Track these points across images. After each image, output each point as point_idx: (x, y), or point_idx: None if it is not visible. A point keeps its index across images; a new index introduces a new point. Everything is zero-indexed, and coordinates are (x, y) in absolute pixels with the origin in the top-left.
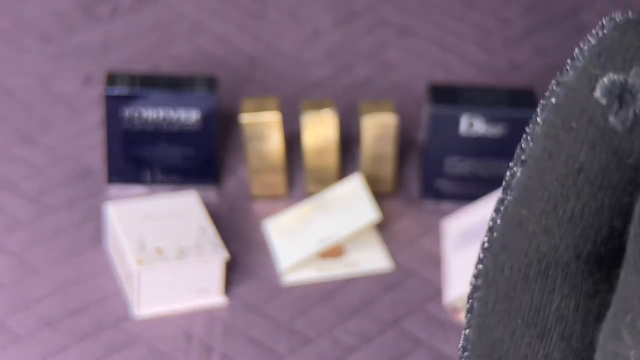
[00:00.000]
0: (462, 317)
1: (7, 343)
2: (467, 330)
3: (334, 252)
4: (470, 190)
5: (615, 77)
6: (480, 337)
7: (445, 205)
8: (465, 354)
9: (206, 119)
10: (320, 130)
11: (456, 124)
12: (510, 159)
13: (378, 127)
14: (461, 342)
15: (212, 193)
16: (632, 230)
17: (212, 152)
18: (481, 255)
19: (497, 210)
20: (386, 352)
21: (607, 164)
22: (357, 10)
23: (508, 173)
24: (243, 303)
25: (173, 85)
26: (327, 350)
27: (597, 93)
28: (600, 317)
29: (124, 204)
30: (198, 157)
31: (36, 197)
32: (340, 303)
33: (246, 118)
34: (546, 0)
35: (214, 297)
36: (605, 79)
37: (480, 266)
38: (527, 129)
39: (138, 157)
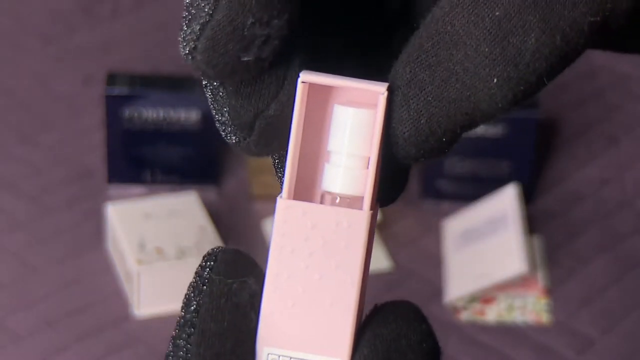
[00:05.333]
0: (462, 317)
1: (7, 343)
2: None
3: None
4: (470, 190)
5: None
6: None
7: (445, 205)
8: None
9: (206, 119)
10: None
11: None
12: (510, 158)
13: None
14: None
15: (212, 193)
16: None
17: (212, 152)
18: None
19: None
20: None
21: None
22: None
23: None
24: None
25: (173, 85)
26: None
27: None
28: None
29: (124, 204)
30: (198, 157)
31: (36, 197)
32: None
33: None
34: None
35: None
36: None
37: None
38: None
39: (138, 157)
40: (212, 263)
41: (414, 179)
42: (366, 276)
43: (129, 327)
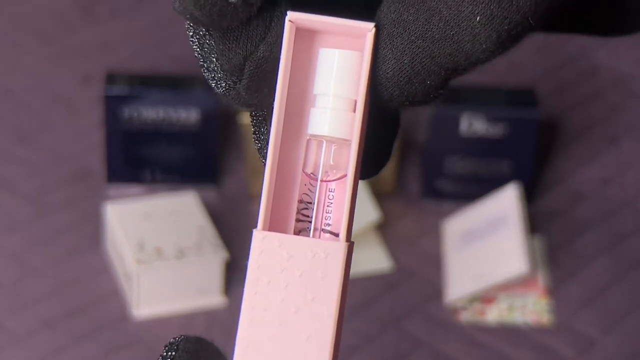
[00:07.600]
0: (462, 317)
1: (7, 343)
2: None
3: None
4: (470, 190)
5: None
6: None
7: (445, 205)
8: None
9: (206, 119)
10: None
11: (456, 123)
12: (511, 158)
13: None
14: None
15: (212, 193)
16: None
17: (212, 152)
18: None
19: None
20: (386, 352)
21: None
22: None
23: None
24: None
25: (173, 85)
26: None
27: None
28: None
29: (123, 204)
30: (198, 157)
31: (35, 197)
32: None
33: (246, 118)
34: None
35: (214, 297)
36: None
37: None
38: None
39: (138, 157)
40: (173, 353)
41: (414, 179)
42: (343, 308)
43: (128, 328)
